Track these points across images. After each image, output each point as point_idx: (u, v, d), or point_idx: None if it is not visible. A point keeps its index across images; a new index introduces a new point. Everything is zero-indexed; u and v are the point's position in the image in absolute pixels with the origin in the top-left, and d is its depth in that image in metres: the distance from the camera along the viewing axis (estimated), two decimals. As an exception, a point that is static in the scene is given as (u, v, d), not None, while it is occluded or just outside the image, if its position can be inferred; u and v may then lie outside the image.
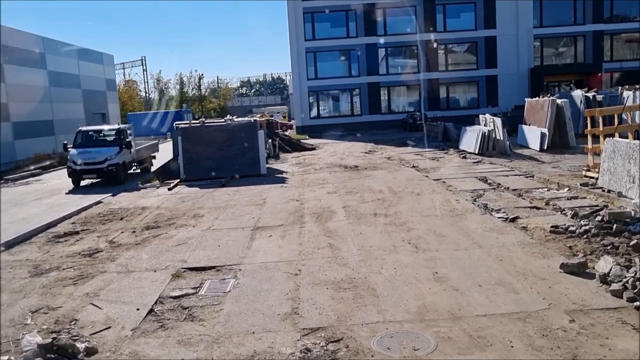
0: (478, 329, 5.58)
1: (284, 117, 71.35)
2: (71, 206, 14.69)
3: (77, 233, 11.39)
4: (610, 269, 6.74)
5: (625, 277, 6.47)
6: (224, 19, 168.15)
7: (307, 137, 36.41)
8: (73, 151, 18.88)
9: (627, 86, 26.65)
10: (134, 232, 11.11)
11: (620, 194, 11.25)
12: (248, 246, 9.48)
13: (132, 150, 20.05)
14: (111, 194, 16.57)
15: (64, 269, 8.72)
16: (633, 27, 40.80)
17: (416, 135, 31.37)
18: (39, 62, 34.12)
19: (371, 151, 26.13)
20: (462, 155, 21.53)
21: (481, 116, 23.81)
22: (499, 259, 7.88)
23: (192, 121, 21.91)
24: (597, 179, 13.11)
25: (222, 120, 21.60)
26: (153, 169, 21.57)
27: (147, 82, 76.20)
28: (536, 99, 23.32)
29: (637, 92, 22.48)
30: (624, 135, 13.62)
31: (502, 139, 21.27)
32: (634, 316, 5.68)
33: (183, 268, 8.37)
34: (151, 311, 6.66)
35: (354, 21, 40.70)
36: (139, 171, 21.65)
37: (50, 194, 17.75)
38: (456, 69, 42.35)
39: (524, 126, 23.41)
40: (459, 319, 5.87)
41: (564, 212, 10.66)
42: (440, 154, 22.90)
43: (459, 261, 7.87)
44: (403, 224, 10.45)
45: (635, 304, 5.93)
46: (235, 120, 21.40)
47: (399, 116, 40.21)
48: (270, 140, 26.28)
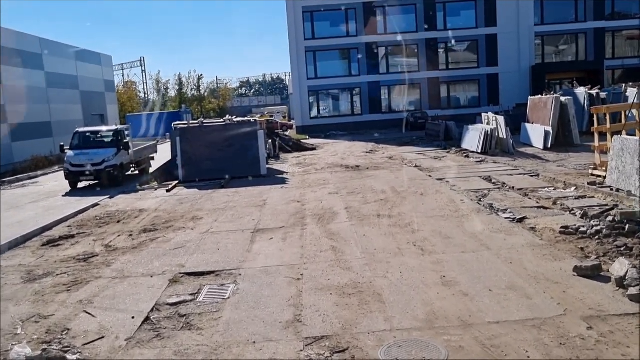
0: (491, 337, 5.29)
1: (284, 117, 71.07)
2: (67, 209, 14.40)
3: (73, 237, 11.10)
4: (627, 272, 6.44)
5: (643, 280, 6.18)
6: (223, 19, 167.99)
7: (308, 137, 36.12)
8: (70, 153, 18.59)
9: (630, 83, 26.40)
10: (130, 235, 10.82)
11: (629, 193, 10.96)
12: (248, 249, 9.19)
13: (130, 151, 19.75)
14: (109, 196, 16.28)
15: (57, 274, 8.43)
16: (634, 25, 40.48)
17: (417, 134, 31.09)
18: (36, 63, 33.83)
19: (372, 151, 25.83)
20: (464, 155, 21.24)
21: (483, 115, 23.52)
22: (508, 261, 7.59)
23: (191, 121, 21.62)
24: (604, 177, 12.83)
25: (222, 120, 21.30)
26: (152, 170, 21.27)
27: (146, 83, 75.89)
28: (539, 96, 23.03)
29: (641, 89, 22.16)
30: (630, 132, 13.35)
31: (505, 137, 20.97)
32: (655, 323, 5.39)
33: (181, 273, 8.08)
34: (147, 319, 6.37)
35: (354, 20, 40.39)
36: (137, 173, 21.36)
37: (47, 196, 17.46)
38: (457, 67, 42.04)
39: (527, 124, 23.12)
40: (470, 326, 5.58)
41: (572, 212, 10.36)
42: (443, 153, 22.61)
43: (467, 264, 7.58)
44: (407, 225, 10.16)
45: (655, 309, 5.65)
46: (235, 120, 21.11)
47: (399, 115, 39.88)
48: (271, 141, 25.99)
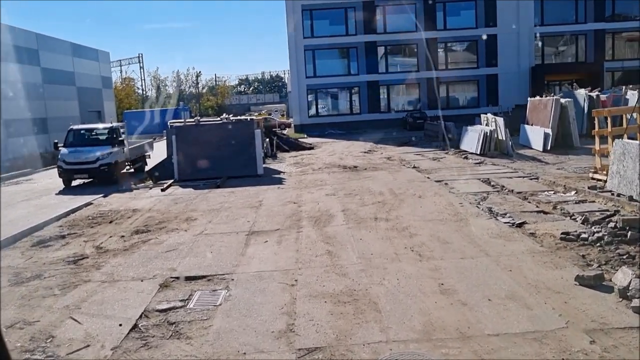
0: (490, 351, 5.10)
1: (283, 115, 70.74)
2: (60, 208, 14.17)
3: (64, 237, 10.87)
4: (630, 283, 6.26)
5: (647, 291, 5.99)
6: (222, 16, 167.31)
7: (306, 136, 35.91)
8: (64, 150, 18.34)
9: (630, 85, 26.25)
10: (122, 237, 10.60)
11: (631, 198, 10.78)
12: (242, 253, 8.98)
13: (125, 149, 19.52)
14: (102, 195, 16.05)
15: (45, 277, 8.21)
16: (634, 26, 40.31)
17: (416, 134, 30.90)
18: (32, 59, 33.56)
19: (370, 151, 25.64)
20: (463, 156, 21.06)
21: (482, 116, 23.34)
22: (508, 269, 7.40)
23: (188, 120, 21.39)
24: (605, 181, 12.65)
25: (218, 119, 21.07)
26: (147, 168, 21.03)
27: (144, 80, 75.53)
28: (539, 98, 22.86)
29: (642, 92, 22.01)
30: (632, 136, 13.17)
31: (504, 139, 20.80)
32: (660, 337, 5.21)
33: (172, 277, 7.87)
34: (135, 327, 6.16)
35: (353, 19, 40.15)
36: (132, 171, 21.12)
37: (40, 194, 17.22)
38: (456, 67, 41.85)
39: (526, 126, 22.94)
40: (468, 338, 5.38)
41: (573, 217, 10.17)
42: (441, 154, 22.42)
43: (465, 271, 7.38)
44: (405, 229, 9.97)
45: (660, 322, 5.46)
46: (232, 118, 20.89)
47: (398, 115, 39.70)
48: (268, 140, 25.79)
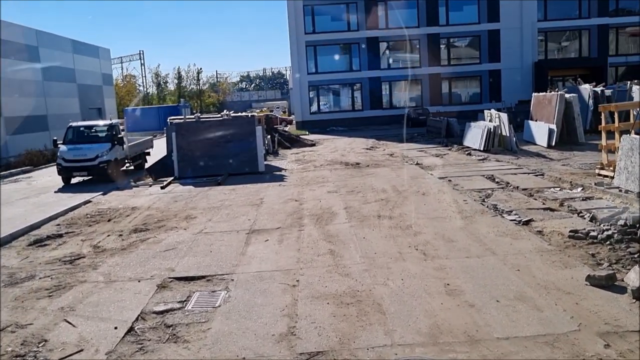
0: (500, 355, 4.88)
1: (284, 112, 70.52)
2: (58, 206, 13.99)
3: (61, 236, 10.68)
4: (644, 283, 6.04)
5: (662, 292, 5.77)
6: (223, 12, 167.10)
7: (307, 133, 35.67)
8: (63, 147, 18.16)
9: (636, 80, 25.94)
10: (120, 235, 10.40)
11: (639, 195, 10.55)
12: (242, 252, 8.78)
13: (124, 146, 19.32)
14: (102, 192, 15.86)
15: (40, 278, 8.02)
16: (638, 21, 39.94)
17: (418, 130, 30.65)
18: (32, 56, 33.34)
19: (373, 147, 25.39)
20: (466, 152, 20.81)
21: (486, 111, 23.07)
22: (515, 268, 7.18)
23: (187, 116, 21.17)
24: (612, 178, 12.42)
25: (219, 115, 20.84)
26: (147, 165, 20.83)
27: (145, 77, 75.25)
28: (543, 93, 22.57)
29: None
30: (639, 132, 12.91)
31: (508, 135, 20.54)
32: (678, 340, 4.98)
33: (170, 278, 7.67)
34: (131, 330, 5.96)
35: (355, 14, 39.83)
36: (132, 168, 20.94)
37: (39, 192, 17.03)
38: (459, 63, 41.52)
39: (530, 122, 22.67)
40: (477, 342, 5.17)
41: (581, 214, 9.94)
42: (444, 150, 22.18)
43: (472, 271, 7.17)
44: (409, 227, 9.75)
45: (676, 325, 5.24)
46: (232, 115, 20.66)
47: (400, 111, 39.38)
48: (269, 136, 25.57)
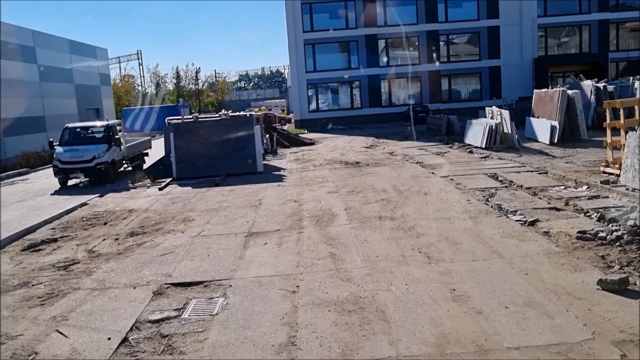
0: (511, 367, 4.65)
1: (283, 110, 70.27)
2: (54, 209, 13.74)
3: (56, 240, 10.44)
4: (658, 287, 5.81)
5: (678, 297, 5.54)
6: (221, 11, 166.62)
7: (306, 132, 35.45)
8: (59, 149, 17.90)
9: (638, 76, 25.72)
10: (116, 239, 10.16)
11: (647, 193, 10.32)
12: (240, 256, 8.54)
13: (121, 147, 19.07)
14: (98, 194, 15.62)
15: (33, 285, 7.78)
16: (638, 16, 39.66)
17: (418, 128, 30.37)
18: (28, 56, 33.08)
19: (372, 146, 25.16)
20: (468, 150, 20.57)
21: (487, 108, 22.82)
22: (523, 272, 6.94)
23: (185, 116, 20.92)
24: (618, 175, 12.19)
25: (217, 115, 20.59)
26: (145, 166, 20.58)
27: (143, 77, 74.91)
28: (545, 90, 22.33)
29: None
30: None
31: (510, 132, 20.30)
32: (697, 349, 4.75)
33: (166, 284, 7.43)
34: (125, 340, 5.73)
35: (353, 12, 39.57)
36: (130, 169, 20.69)
37: (35, 195, 16.78)
38: (458, 60, 41.27)
39: (532, 118, 22.42)
40: (486, 352, 4.93)
41: (587, 214, 9.70)
42: (445, 148, 21.94)
43: (478, 275, 6.93)
44: (411, 228, 9.51)
45: (695, 332, 5.00)
46: (230, 115, 20.41)
47: (400, 109, 39.18)
48: (268, 135, 25.33)
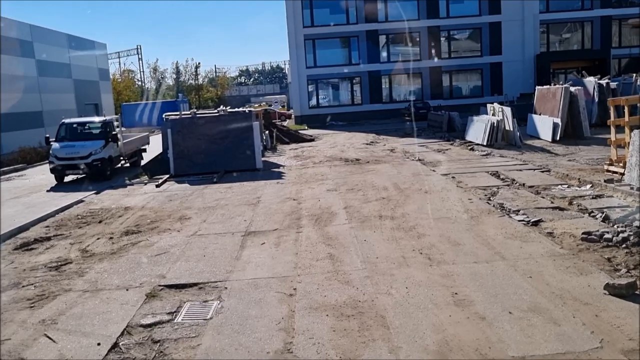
0: (517, 377, 4.45)
1: (283, 106, 69.97)
2: (49, 206, 13.53)
3: (49, 239, 10.23)
4: (668, 292, 5.60)
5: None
6: (221, 6, 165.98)
7: (306, 128, 35.22)
8: (55, 145, 17.68)
9: (641, 73, 25.46)
10: (111, 238, 9.95)
11: (653, 193, 10.11)
12: (237, 256, 8.33)
13: (119, 143, 18.84)
14: (95, 191, 15.42)
15: (24, 286, 7.58)
16: (641, 12, 39.40)
17: (419, 124, 30.12)
18: (26, 51, 32.80)
19: (373, 142, 24.93)
20: (469, 147, 20.35)
21: (489, 105, 22.58)
22: (527, 275, 6.73)
23: (183, 112, 20.69)
24: (622, 174, 11.97)
25: (215, 111, 20.36)
26: (143, 163, 20.35)
27: (143, 72, 74.58)
28: (547, 87, 22.09)
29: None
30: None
31: (511, 129, 20.07)
32: None
33: (160, 285, 7.23)
34: (115, 346, 5.53)
35: (354, 7, 39.24)
36: (127, 165, 20.48)
37: (30, 191, 16.56)
38: (459, 56, 40.98)
39: (534, 116, 22.18)
40: (490, 361, 4.74)
41: (592, 214, 9.49)
42: (446, 145, 21.71)
43: (480, 278, 6.72)
44: (412, 228, 9.30)
45: None
46: (229, 111, 20.18)
47: (400, 105, 38.90)
48: (267, 132, 25.12)
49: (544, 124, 20.81)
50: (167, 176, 17.15)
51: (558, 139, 19.72)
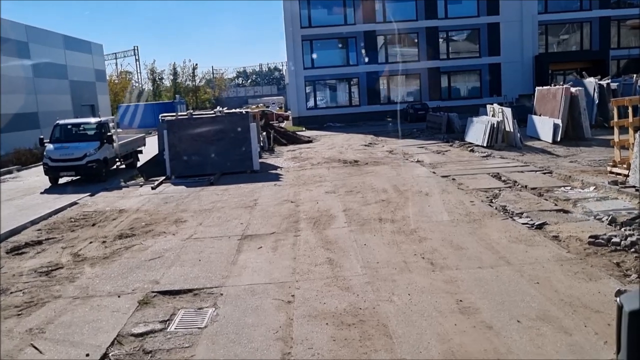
0: (528, 392, 4.21)
1: (280, 107, 69.71)
2: (43, 208, 13.26)
3: (40, 243, 9.96)
4: (682, 299, 5.36)
5: None
6: (218, 7, 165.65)
7: (304, 129, 34.99)
8: (49, 146, 17.40)
9: (641, 74, 25.31)
10: (104, 242, 9.68)
11: (659, 195, 9.89)
12: (233, 261, 8.08)
13: (114, 145, 18.56)
14: (89, 193, 15.14)
15: (12, 292, 7.31)
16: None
17: (418, 126, 29.92)
18: (21, 52, 32.49)
19: (371, 143, 24.71)
20: (469, 148, 20.13)
21: (488, 106, 22.37)
22: (534, 280, 6.50)
23: (180, 113, 20.42)
24: (626, 176, 11.77)
25: (211, 112, 20.10)
26: (139, 164, 20.07)
27: (140, 73, 74.29)
28: (547, 87, 21.89)
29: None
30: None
31: (512, 130, 19.86)
32: None
33: (153, 292, 6.97)
34: (104, 357, 5.27)
35: (352, 7, 39.02)
36: (123, 167, 20.20)
37: (24, 193, 16.27)
38: (458, 57, 40.76)
39: (534, 116, 21.98)
40: (499, 374, 4.50)
41: (597, 217, 9.26)
42: (445, 146, 21.50)
43: (486, 284, 6.48)
44: (413, 232, 9.06)
45: None
46: (226, 111, 19.92)
47: (399, 107, 38.61)
48: (265, 133, 24.87)
49: (544, 125, 20.61)
50: (163, 178, 16.89)
51: (559, 140, 19.51)
